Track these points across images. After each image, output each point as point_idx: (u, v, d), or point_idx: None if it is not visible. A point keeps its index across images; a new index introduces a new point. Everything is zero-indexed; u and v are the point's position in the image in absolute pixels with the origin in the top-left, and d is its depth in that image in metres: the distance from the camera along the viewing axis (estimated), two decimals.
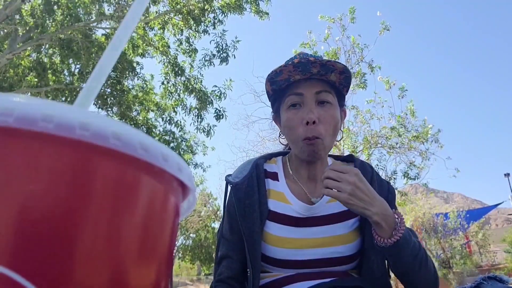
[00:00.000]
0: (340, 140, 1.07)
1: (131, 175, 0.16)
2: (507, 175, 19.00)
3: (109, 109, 8.32)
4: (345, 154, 1.10)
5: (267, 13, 7.71)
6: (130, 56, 7.74)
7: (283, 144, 1.10)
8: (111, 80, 7.68)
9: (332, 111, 0.92)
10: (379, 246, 0.82)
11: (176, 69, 7.54)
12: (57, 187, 0.14)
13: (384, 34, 8.08)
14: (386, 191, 0.99)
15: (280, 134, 1.06)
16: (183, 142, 10.07)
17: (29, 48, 7.42)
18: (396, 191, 8.15)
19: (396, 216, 0.82)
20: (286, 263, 0.90)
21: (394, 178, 7.66)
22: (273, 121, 1.07)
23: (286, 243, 0.91)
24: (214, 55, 7.42)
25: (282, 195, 0.97)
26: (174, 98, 8.04)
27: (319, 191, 0.97)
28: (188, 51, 7.74)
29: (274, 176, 1.01)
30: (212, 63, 7.50)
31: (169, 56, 7.68)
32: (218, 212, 16.03)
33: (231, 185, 0.99)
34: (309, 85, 0.91)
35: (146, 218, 0.18)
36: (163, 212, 0.19)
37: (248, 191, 0.95)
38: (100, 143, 0.15)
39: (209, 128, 7.83)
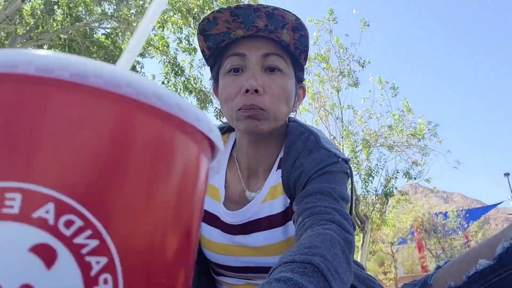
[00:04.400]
0: (293, 121, 0.82)
1: (168, 130, 0.18)
2: (506, 174, 19.02)
3: None
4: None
5: None
6: None
7: (224, 123, 0.90)
8: None
9: (283, 81, 0.72)
10: None
11: (176, 69, 7.54)
12: (106, 135, 0.17)
13: (366, 29, 8.13)
14: (312, 164, 0.71)
15: (220, 110, 0.82)
16: None
17: (29, 48, 7.42)
18: (396, 190, 8.03)
19: None
20: (222, 267, 0.79)
21: (396, 178, 7.65)
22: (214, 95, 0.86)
23: (216, 248, 0.77)
24: None
25: (217, 191, 0.81)
26: None
27: (259, 185, 0.78)
28: (187, 49, 7.75)
29: None
30: None
31: (169, 56, 7.69)
32: None
33: None
34: (255, 45, 0.72)
35: (182, 174, 0.19)
36: (196, 170, 0.21)
37: None
38: (142, 100, 0.17)
39: None
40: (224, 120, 0.87)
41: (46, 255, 0.13)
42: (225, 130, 0.90)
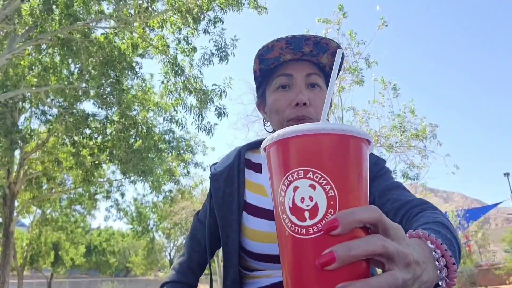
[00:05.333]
0: None
1: (359, 140, 0.42)
2: (506, 174, 18.98)
3: (109, 108, 8.30)
4: None
5: (265, 8, 7.69)
6: (130, 55, 7.72)
7: (268, 132, 1.02)
8: (111, 80, 7.67)
9: (322, 95, 0.88)
10: None
11: (176, 69, 7.52)
12: (342, 148, 0.41)
13: (382, 30, 8.06)
14: (372, 164, 0.89)
15: (264, 122, 1.00)
16: (183, 142, 10.03)
17: (29, 48, 7.40)
18: None
19: (435, 252, 0.46)
20: (264, 257, 0.87)
21: (394, 178, 7.64)
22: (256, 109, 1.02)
23: (262, 237, 0.87)
24: (213, 54, 7.40)
25: (261, 188, 0.95)
26: (174, 98, 8.02)
27: None
28: (187, 49, 7.73)
29: (257, 168, 0.99)
30: (211, 62, 7.48)
31: (169, 56, 7.66)
32: None
33: (209, 176, 0.99)
34: (300, 66, 0.87)
35: (362, 157, 0.42)
36: (365, 155, 0.43)
37: (228, 180, 0.96)
38: (347, 134, 0.41)
39: (210, 127, 7.81)
40: (268, 128, 1.00)
41: (315, 188, 0.39)
42: (261, 142, 1.08)
